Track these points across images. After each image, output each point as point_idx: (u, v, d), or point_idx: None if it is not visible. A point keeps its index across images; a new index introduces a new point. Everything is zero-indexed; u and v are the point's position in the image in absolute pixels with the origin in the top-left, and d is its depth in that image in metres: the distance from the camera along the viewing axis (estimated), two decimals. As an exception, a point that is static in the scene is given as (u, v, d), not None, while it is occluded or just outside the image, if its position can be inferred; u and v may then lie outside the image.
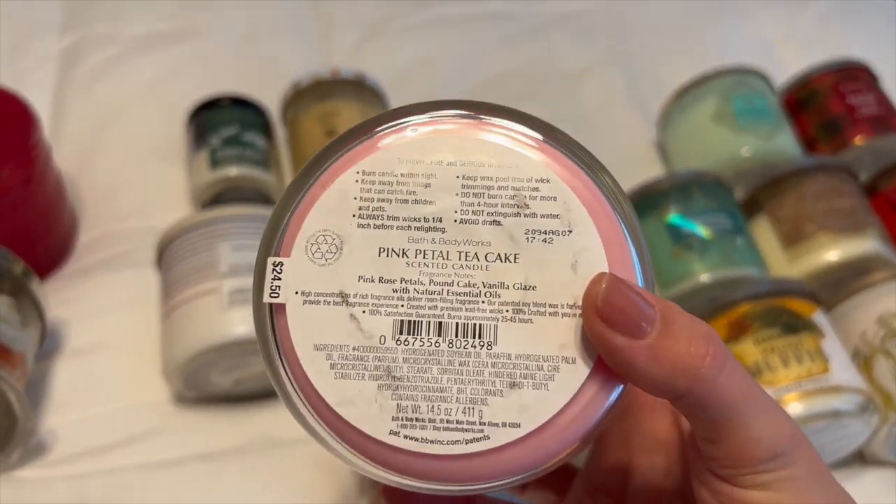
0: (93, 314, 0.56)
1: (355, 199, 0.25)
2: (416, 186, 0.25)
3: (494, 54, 0.82)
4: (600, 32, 0.85)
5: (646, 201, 0.57)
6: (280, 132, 0.69)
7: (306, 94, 0.66)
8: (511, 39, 0.84)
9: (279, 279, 0.25)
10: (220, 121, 0.63)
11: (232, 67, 0.75)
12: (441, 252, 0.25)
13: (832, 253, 0.55)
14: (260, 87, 0.69)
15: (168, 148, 0.68)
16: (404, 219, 0.25)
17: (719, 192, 0.58)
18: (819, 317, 0.49)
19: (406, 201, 0.25)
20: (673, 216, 0.56)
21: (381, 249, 0.25)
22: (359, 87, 0.66)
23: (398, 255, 0.25)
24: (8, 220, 0.55)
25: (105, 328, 0.55)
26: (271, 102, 0.68)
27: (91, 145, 0.69)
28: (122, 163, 0.68)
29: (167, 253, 0.51)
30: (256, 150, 0.62)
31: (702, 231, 0.55)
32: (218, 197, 0.61)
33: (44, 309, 0.51)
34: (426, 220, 0.25)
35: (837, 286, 0.54)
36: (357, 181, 0.25)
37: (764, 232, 0.59)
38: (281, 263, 0.25)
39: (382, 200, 0.25)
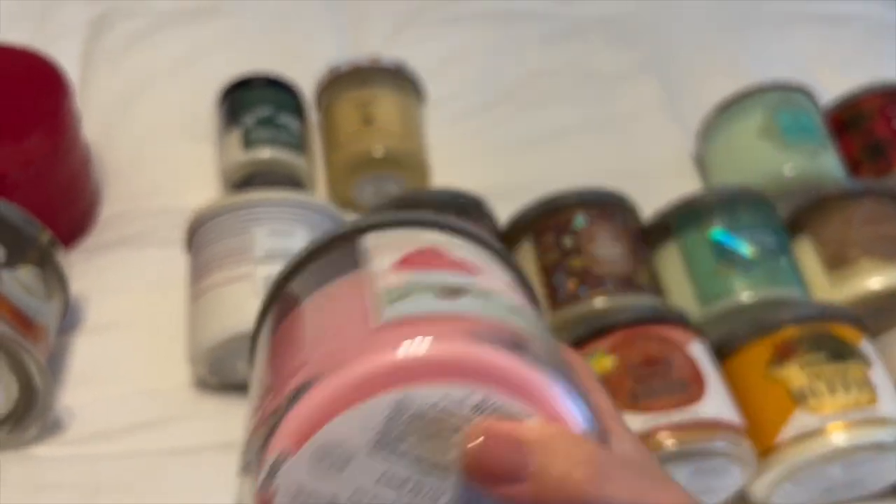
0: (114, 291, 0.55)
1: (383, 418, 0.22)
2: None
3: (530, 53, 0.81)
4: (637, 37, 0.84)
5: (689, 215, 0.56)
6: (312, 116, 0.67)
7: (344, 80, 0.64)
8: (547, 39, 0.82)
9: (276, 475, 0.22)
10: (255, 100, 0.61)
11: (261, 47, 0.73)
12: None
13: (876, 280, 0.54)
14: (289, 69, 0.67)
15: (196, 125, 0.66)
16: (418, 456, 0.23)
17: (765, 210, 0.57)
18: (866, 345, 0.48)
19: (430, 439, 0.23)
20: (716, 231, 0.55)
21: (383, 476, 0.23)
22: (397, 76, 0.65)
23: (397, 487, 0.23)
24: (33, 189, 0.53)
25: (127, 307, 0.54)
26: (301, 85, 0.66)
27: (117, 118, 0.67)
28: (148, 137, 0.66)
29: (199, 233, 0.50)
30: (290, 132, 0.61)
31: (746, 249, 0.54)
32: (248, 178, 0.59)
33: (68, 282, 0.49)
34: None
35: (879, 314, 0.53)
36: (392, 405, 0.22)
37: (806, 253, 0.57)
38: (285, 460, 0.22)
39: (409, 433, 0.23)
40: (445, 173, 0.66)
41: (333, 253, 0.28)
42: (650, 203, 0.58)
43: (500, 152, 0.72)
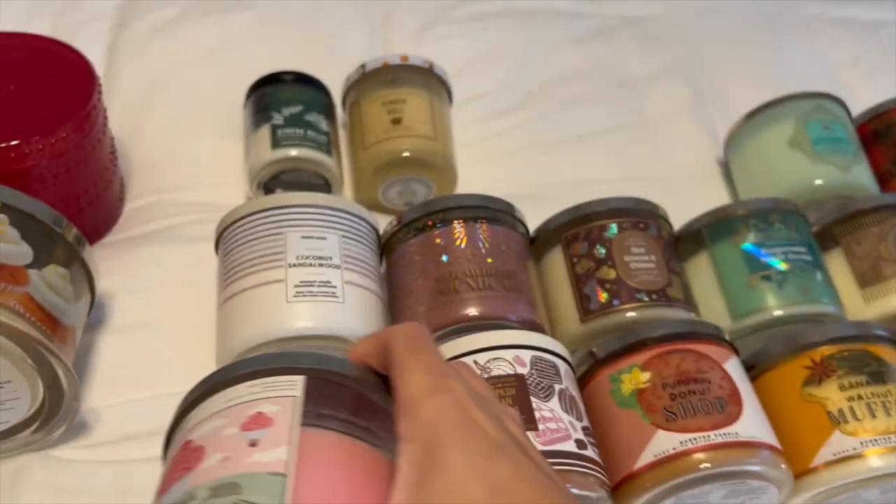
0: (140, 289, 0.54)
1: None
2: None
3: (558, 52, 0.79)
4: (666, 40, 0.83)
5: (722, 226, 0.55)
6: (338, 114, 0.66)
7: (373, 78, 0.63)
8: (576, 39, 0.81)
9: None
10: (284, 98, 0.60)
11: (290, 41, 0.72)
12: None
13: (912, 298, 0.53)
14: (317, 65, 0.66)
15: (223, 119, 0.66)
16: None
17: (799, 223, 0.56)
18: (904, 366, 0.47)
19: None
20: (750, 243, 0.54)
21: None
22: (427, 76, 0.64)
23: None
24: (60, 184, 0.53)
25: (153, 305, 0.53)
26: (327, 81, 0.65)
27: (143, 109, 0.66)
28: (173, 130, 0.65)
29: (229, 234, 0.49)
30: (319, 131, 0.60)
31: (779, 262, 0.53)
32: (275, 177, 0.59)
33: (95, 280, 0.49)
34: None
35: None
36: None
37: (839, 268, 0.56)
38: None
39: None
40: (470, 174, 0.66)
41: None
42: (676, 209, 0.57)
43: (526, 154, 0.71)
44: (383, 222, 0.54)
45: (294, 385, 0.31)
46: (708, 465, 0.41)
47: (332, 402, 0.31)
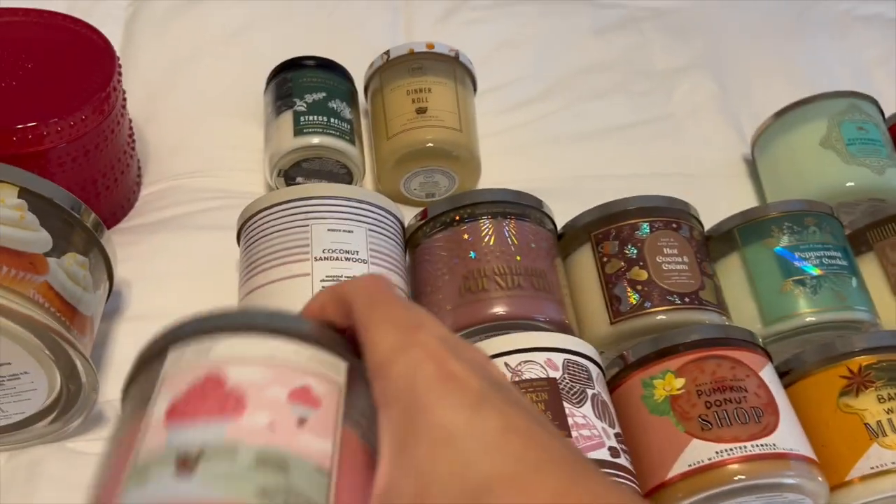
0: (157, 277, 0.53)
1: None
2: None
3: (583, 42, 0.78)
4: (692, 33, 0.81)
5: (753, 227, 0.54)
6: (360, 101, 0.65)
7: (397, 66, 0.61)
8: (602, 29, 0.79)
9: None
10: (307, 84, 0.59)
11: (308, 25, 0.71)
12: None
13: (947, 306, 0.52)
14: (336, 50, 0.64)
15: (241, 103, 0.64)
16: None
17: (834, 226, 0.54)
18: (943, 378, 0.46)
19: None
20: (783, 247, 0.52)
21: None
22: (453, 65, 0.62)
23: None
24: (78, 167, 0.51)
25: (171, 294, 0.52)
26: (348, 67, 0.63)
27: (160, 91, 0.64)
28: (191, 113, 0.64)
29: (252, 224, 0.48)
30: (343, 119, 0.58)
31: (813, 268, 0.52)
32: (297, 165, 0.57)
33: (114, 268, 0.47)
34: None
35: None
36: None
37: (871, 273, 0.55)
38: None
39: None
40: (493, 165, 0.64)
41: (147, 370, 0.28)
42: (701, 207, 0.55)
43: (547, 146, 0.70)
44: (405, 214, 0.52)
45: (339, 370, 0.28)
46: (743, 476, 0.40)
47: (356, 399, 0.27)
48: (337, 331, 0.29)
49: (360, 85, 0.64)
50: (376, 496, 0.24)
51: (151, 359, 0.28)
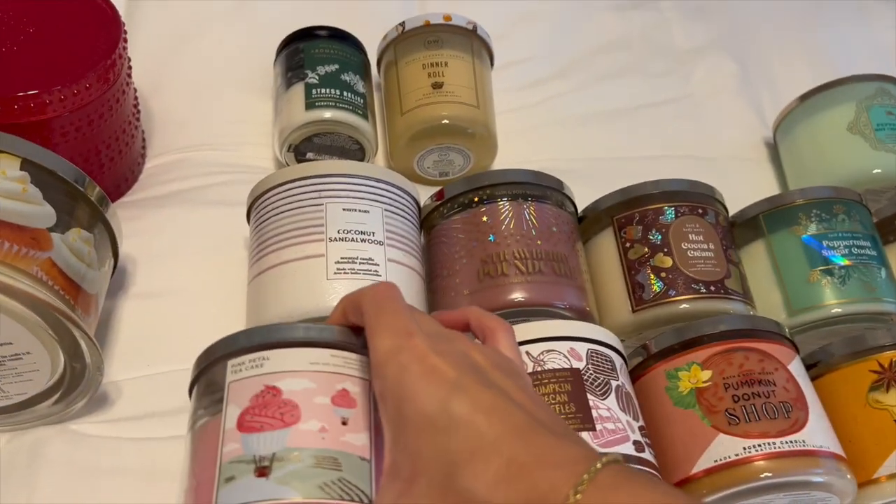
0: (163, 253, 0.51)
1: None
2: None
3: (600, 19, 0.75)
4: (712, 11, 0.79)
5: (780, 214, 0.52)
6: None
7: (412, 38, 0.59)
8: (619, 6, 0.77)
9: None
10: (320, 55, 0.57)
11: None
12: None
13: (975, 299, 0.51)
14: (347, 21, 0.62)
15: (251, 74, 0.62)
16: None
17: (863, 215, 0.53)
18: (974, 374, 0.44)
19: None
20: (810, 235, 0.51)
21: None
22: (470, 38, 0.60)
23: None
24: (82, 137, 0.49)
25: (177, 272, 0.50)
26: (360, 38, 0.61)
27: (166, 59, 0.62)
28: (198, 83, 0.61)
29: (263, 201, 0.46)
30: (356, 93, 0.56)
31: (841, 258, 0.50)
32: (308, 140, 0.55)
33: (119, 243, 0.45)
34: None
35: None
36: None
37: (896, 263, 0.54)
38: None
39: None
40: (508, 144, 0.62)
41: (208, 375, 0.36)
42: (720, 189, 0.53)
43: (564, 126, 0.67)
44: (419, 193, 0.50)
45: (365, 367, 0.34)
46: (770, 474, 0.39)
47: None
48: (358, 331, 0.35)
49: (372, 58, 0.62)
50: (385, 473, 0.30)
51: (210, 367, 0.36)
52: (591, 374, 0.40)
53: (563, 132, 0.67)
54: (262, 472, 0.30)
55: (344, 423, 0.32)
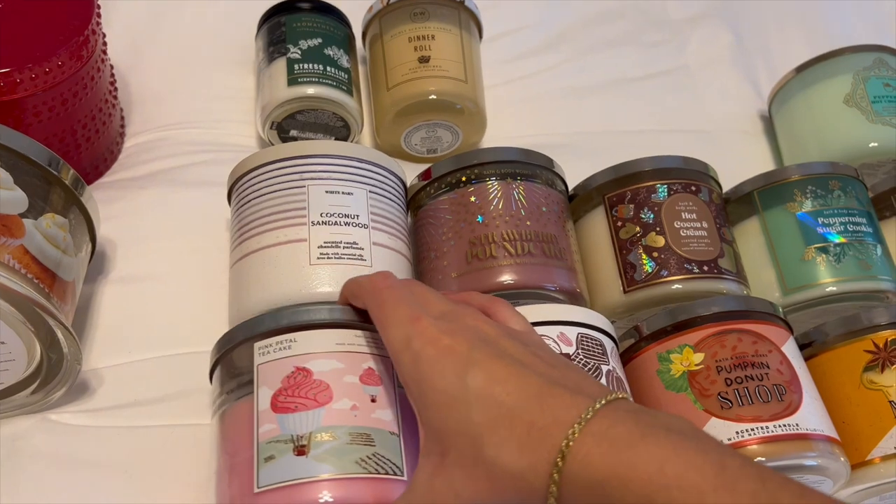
0: (143, 237, 0.49)
1: None
2: None
3: (593, -11, 0.74)
4: (708, -22, 0.77)
5: (775, 190, 0.51)
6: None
7: (398, 10, 0.57)
8: (612, -27, 0.75)
9: None
10: (302, 28, 0.55)
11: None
12: None
13: (972, 276, 0.50)
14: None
15: (231, 48, 0.60)
16: None
17: (859, 190, 0.52)
18: (970, 353, 0.44)
19: None
20: (805, 212, 0.50)
21: None
22: (458, 10, 0.58)
23: None
24: (55, 117, 0.47)
25: (158, 256, 0.49)
26: (345, 11, 0.59)
27: (144, 34, 0.60)
28: (178, 60, 0.60)
29: (244, 183, 0.44)
30: (340, 68, 0.54)
31: (837, 235, 0.49)
32: (291, 116, 0.54)
33: (96, 227, 0.44)
34: None
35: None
36: None
37: (891, 240, 0.53)
38: None
39: None
40: (497, 119, 0.61)
41: (229, 360, 0.37)
42: (714, 164, 0.52)
43: (555, 100, 0.66)
44: (406, 171, 0.49)
45: (383, 346, 0.34)
46: (763, 458, 0.38)
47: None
48: (366, 314, 0.36)
49: (357, 31, 0.60)
50: (420, 454, 0.32)
51: (232, 349, 0.37)
52: (581, 358, 0.39)
53: (554, 105, 0.65)
54: (301, 450, 0.32)
55: (373, 401, 0.34)
